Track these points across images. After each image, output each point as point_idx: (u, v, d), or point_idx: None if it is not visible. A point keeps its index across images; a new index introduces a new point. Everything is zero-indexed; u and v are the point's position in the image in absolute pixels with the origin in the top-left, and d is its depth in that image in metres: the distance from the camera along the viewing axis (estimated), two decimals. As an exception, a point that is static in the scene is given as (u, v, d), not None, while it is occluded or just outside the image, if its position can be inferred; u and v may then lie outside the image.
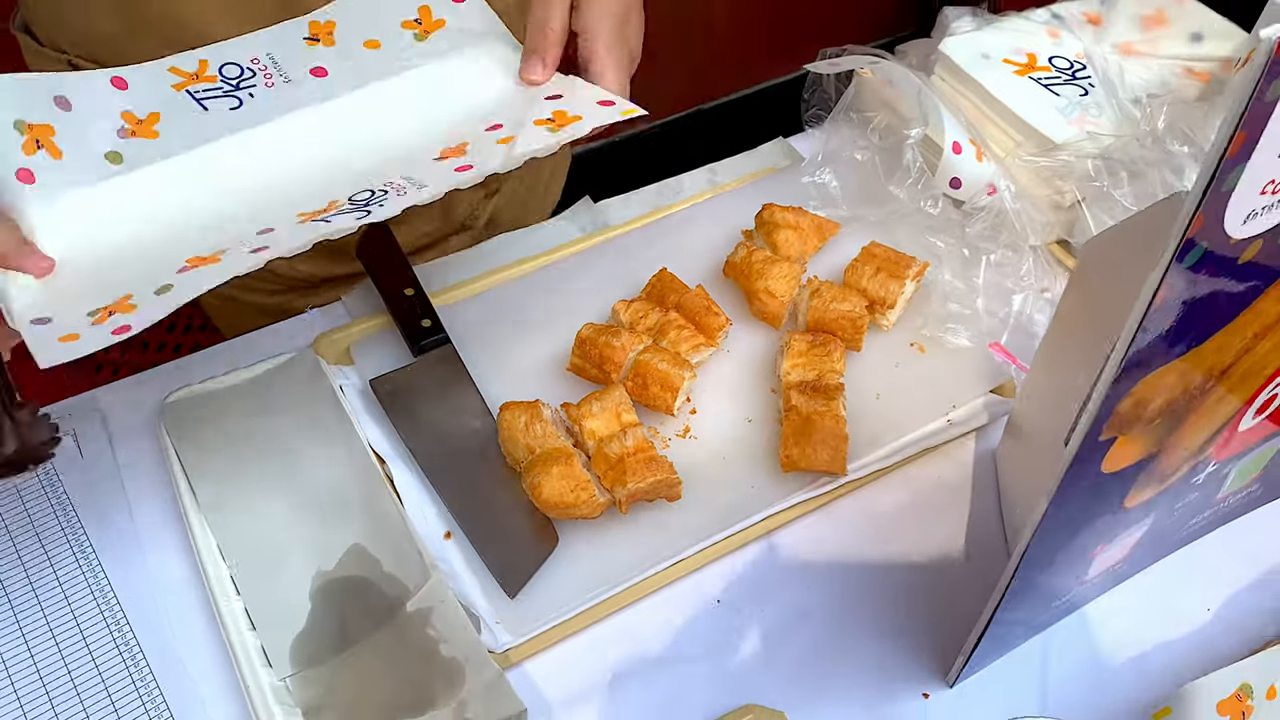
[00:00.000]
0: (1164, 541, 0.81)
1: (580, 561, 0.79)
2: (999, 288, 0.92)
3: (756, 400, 0.89)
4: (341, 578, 0.79)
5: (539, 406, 0.83)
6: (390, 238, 0.96)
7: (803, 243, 0.95)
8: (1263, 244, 0.52)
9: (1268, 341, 0.62)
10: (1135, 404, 0.57)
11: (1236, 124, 0.43)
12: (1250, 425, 0.72)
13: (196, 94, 0.77)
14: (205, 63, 0.79)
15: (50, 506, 0.82)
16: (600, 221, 1.03)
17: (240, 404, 0.87)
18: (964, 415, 0.88)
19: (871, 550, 0.83)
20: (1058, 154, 0.93)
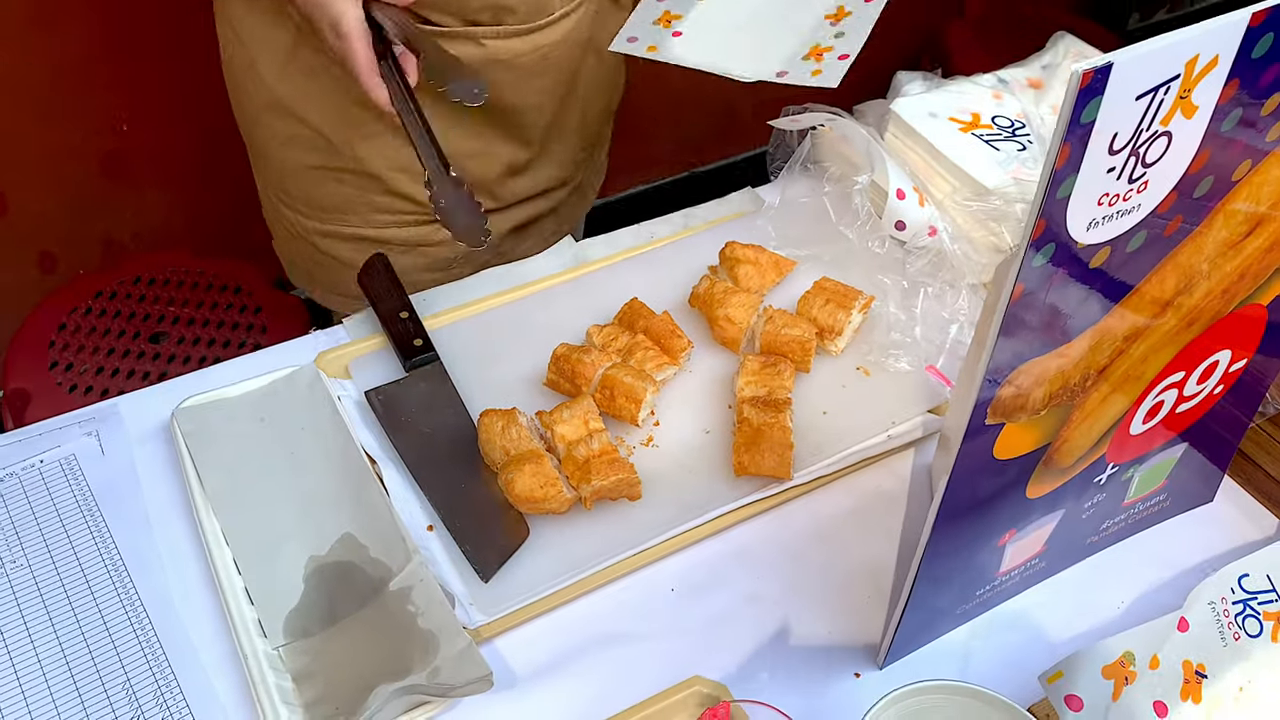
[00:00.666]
0: (1080, 544, 0.89)
1: (548, 551, 0.88)
2: (936, 317, 1.01)
3: (715, 415, 0.98)
4: (332, 562, 0.87)
5: (515, 413, 0.92)
6: (390, 268, 1.06)
7: (761, 276, 1.05)
8: (1111, 251, 0.61)
9: (1141, 346, 0.71)
10: (1016, 392, 0.66)
11: (1061, 139, 0.52)
12: (1141, 430, 0.80)
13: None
14: None
15: (73, 496, 0.91)
16: (581, 258, 1.13)
17: (247, 410, 0.96)
18: (903, 430, 0.97)
19: (815, 548, 0.91)
20: (990, 199, 1.03)
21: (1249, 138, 0.62)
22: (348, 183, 1.15)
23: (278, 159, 1.17)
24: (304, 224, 1.21)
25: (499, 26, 1.05)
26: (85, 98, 1.69)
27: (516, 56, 1.08)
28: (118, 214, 1.84)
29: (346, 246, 1.20)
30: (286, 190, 1.20)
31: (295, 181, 1.18)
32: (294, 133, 1.13)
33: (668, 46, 1.09)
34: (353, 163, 1.13)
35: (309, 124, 1.11)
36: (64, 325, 1.54)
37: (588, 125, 1.25)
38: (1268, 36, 0.56)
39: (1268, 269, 0.73)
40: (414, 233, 1.19)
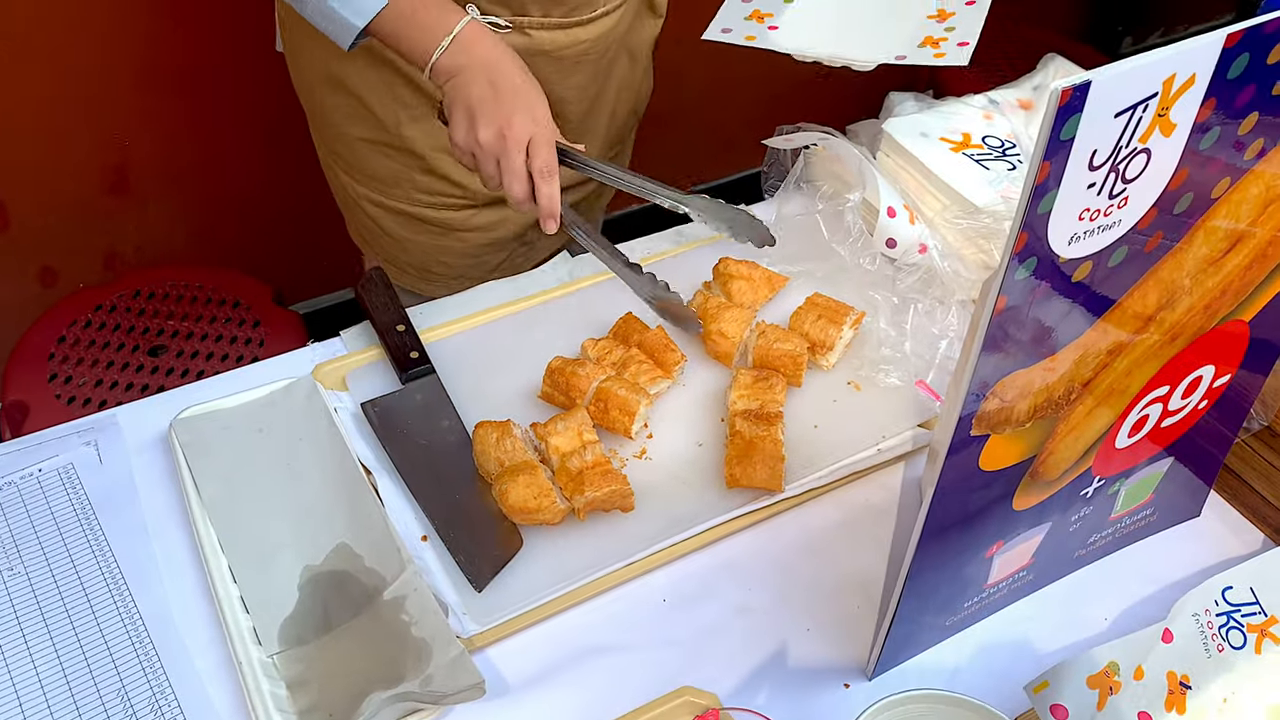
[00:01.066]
0: (1068, 557, 0.90)
1: (541, 562, 0.89)
2: (926, 333, 1.03)
3: (707, 428, 0.99)
4: (327, 571, 0.88)
5: (509, 425, 0.93)
6: (387, 282, 1.08)
7: (754, 292, 1.06)
8: (1093, 265, 0.63)
9: (1124, 360, 0.72)
10: (1001, 404, 0.67)
11: (1041, 156, 0.54)
12: (1127, 444, 0.82)
13: None
14: None
15: (71, 505, 0.92)
16: (576, 273, 1.15)
17: (245, 420, 0.97)
18: (893, 444, 0.98)
19: (805, 560, 0.92)
20: (980, 217, 1.05)
21: (1227, 156, 0.63)
22: (394, 158, 1.20)
23: (333, 128, 1.22)
24: (356, 189, 1.26)
25: (544, 18, 1.10)
26: (89, 113, 1.71)
27: (559, 48, 1.13)
28: (119, 228, 1.85)
29: (391, 218, 1.25)
30: (341, 156, 1.25)
31: (349, 150, 1.22)
32: (346, 105, 1.17)
33: (766, 36, 1.14)
34: (399, 140, 1.17)
35: (361, 99, 1.16)
36: (63, 338, 1.54)
37: (615, 125, 1.30)
38: (1243, 57, 0.58)
39: (1249, 285, 0.74)
40: (452, 216, 1.23)
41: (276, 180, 1.93)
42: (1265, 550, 0.94)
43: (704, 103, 2.13)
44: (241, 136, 1.86)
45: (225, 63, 1.75)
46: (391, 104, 1.14)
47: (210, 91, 1.78)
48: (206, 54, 1.73)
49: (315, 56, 1.16)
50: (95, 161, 1.77)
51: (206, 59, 1.74)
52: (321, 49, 1.14)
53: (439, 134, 1.17)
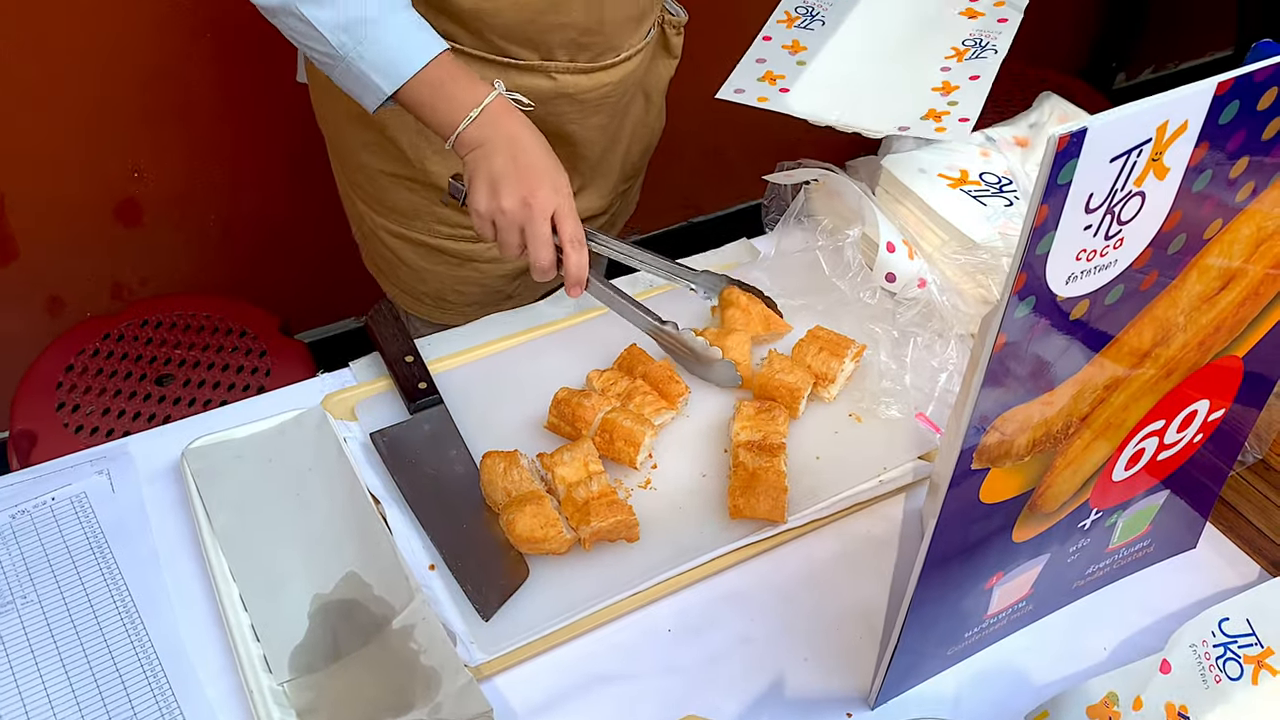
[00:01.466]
0: (1066, 588, 0.91)
1: (547, 591, 0.90)
2: (926, 366, 1.04)
3: (711, 458, 1.01)
4: (336, 599, 0.89)
5: (517, 455, 0.95)
6: (396, 314, 1.09)
7: (746, 323, 1.08)
8: (1090, 303, 0.64)
9: (1121, 395, 0.74)
10: (1000, 440, 0.69)
11: (1040, 200, 0.56)
12: (1124, 477, 0.83)
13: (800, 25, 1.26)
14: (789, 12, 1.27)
15: (84, 533, 0.93)
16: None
17: (256, 450, 0.99)
18: (894, 476, 1.00)
19: (807, 591, 0.93)
20: (978, 253, 1.07)
21: (1220, 197, 0.65)
22: (416, 191, 1.22)
23: (355, 160, 1.24)
24: (375, 220, 1.27)
25: (570, 63, 1.12)
26: (102, 145, 1.73)
27: (582, 92, 1.15)
28: (128, 258, 1.87)
29: (410, 249, 1.27)
30: (361, 187, 1.26)
31: (370, 182, 1.24)
32: (372, 140, 1.19)
33: (778, 99, 1.16)
34: (422, 174, 1.20)
35: (386, 134, 1.18)
36: (71, 367, 1.56)
37: (628, 162, 1.33)
38: (1233, 104, 0.60)
39: (1242, 322, 0.76)
40: (471, 247, 1.25)
41: (284, 209, 1.96)
42: (1260, 580, 0.95)
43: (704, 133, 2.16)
44: (249, 167, 1.88)
45: (235, 94, 1.78)
46: (416, 138, 1.17)
47: (218, 122, 1.81)
48: (217, 85, 1.76)
49: (340, 93, 1.18)
50: (105, 191, 1.79)
51: (217, 90, 1.76)
52: None
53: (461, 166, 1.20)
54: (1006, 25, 1.22)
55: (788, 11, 1.28)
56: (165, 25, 1.65)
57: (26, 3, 1.55)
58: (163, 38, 1.67)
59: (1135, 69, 2.91)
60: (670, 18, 1.27)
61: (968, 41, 1.21)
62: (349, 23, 0.97)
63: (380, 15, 0.98)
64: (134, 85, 1.70)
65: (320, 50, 0.99)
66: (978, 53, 1.19)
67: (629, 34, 1.16)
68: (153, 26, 1.64)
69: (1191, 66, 3.00)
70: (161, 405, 1.53)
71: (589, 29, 1.11)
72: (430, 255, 1.26)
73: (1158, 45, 2.85)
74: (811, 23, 1.26)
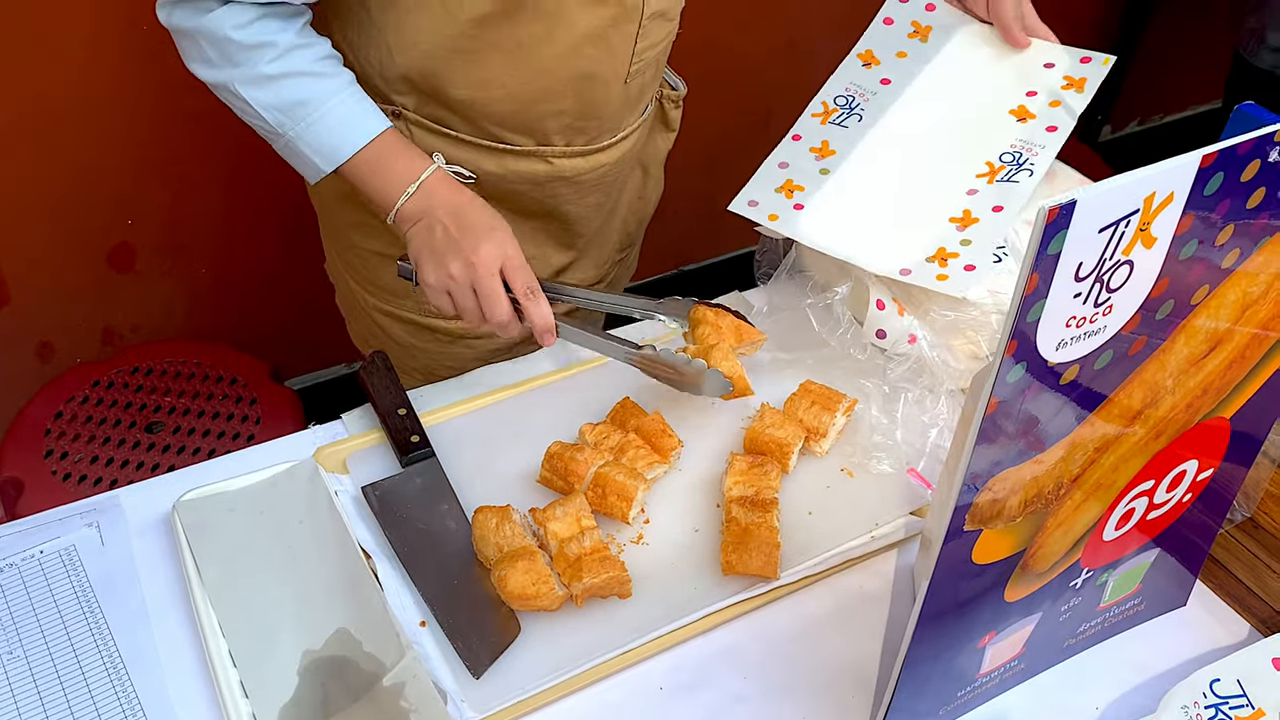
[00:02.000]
0: (1057, 646, 0.91)
1: (539, 648, 0.90)
2: (917, 422, 1.05)
3: (703, 513, 1.01)
4: (327, 656, 0.89)
5: (509, 510, 0.95)
6: (389, 365, 1.10)
7: (719, 336, 1.07)
8: (1080, 368, 0.65)
9: (1111, 456, 0.75)
10: (993, 500, 0.70)
11: (1030, 269, 0.57)
12: (1115, 536, 0.84)
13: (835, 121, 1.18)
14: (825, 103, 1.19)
15: (72, 588, 0.93)
16: (574, 358, 1.17)
17: (246, 503, 0.99)
18: (885, 532, 1.00)
19: (800, 648, 0.93)
20: (967, 310, 1.08)
21: (1206, 264, 0.66)
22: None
23: (346, 238, 1.24)
24: (365, 298, 1.27)
25: (567, 147, 1.13)
26: (96, 192, 1.74)
27: (579, 174, 1.16)
28: (119, 304, 1.88)
29: (399, 327, 1.27)
30: (351, 265, 1.26)
31: (360, 260, 1.24)
32: (361, 220, 1.20)
33: (789, 219, 1.12)
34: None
35: (374, 213, 1.17)
36: (60, 414, 1.56)
37: (624, 232, 1.34)
38: (1218, 175, 0.61)
39: (1229, 384, 0.77)
40: (459, 325, 1.25)
41: (275, 255, 1.96)
42: (1251, 640, 0.95)
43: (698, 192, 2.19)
44: (241, 213, 1.89)
45: (228, 141, 1.79)
46: None
47: (212, 168, 1.82)
48: (211, 132, 1.77)
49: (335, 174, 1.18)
50: (99, 239, 1.79)
51: (211, 137, 1.78)
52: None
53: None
54: (1053, 136, 1.13)
55: (825, 103, 1.20)
56: (160, 75, 1.67)
57: (23, 48, 1.56)
58: (158, 87, 1.68)
59: (1120, 121, 2.95)
60: (669, 92, 1.27)
61: (1005, 157, 1.12)
62: (286, 105, 0.99)
63: (319, 98, 0.99)
64: (128, 133, 1.71)
65: (260, 126, 1.01)
66: (1011, 173, 1.11)
67: (625, 115, 1.16)
68: (148, 76, 1.65)
69: (1177, 119, 3.04)
70: (151, 453, 1.53)
71: (583, 114, 1.11)
72: (420, 333, 1.26)
73: (1143, 98, 2.90)
74: (848, 118, 1.18)
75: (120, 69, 1.64)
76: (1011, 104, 1.16)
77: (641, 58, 1.12)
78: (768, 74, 2.14)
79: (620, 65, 1.10)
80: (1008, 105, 1.16)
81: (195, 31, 0.96)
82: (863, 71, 1.21)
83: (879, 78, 1.19)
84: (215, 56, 0.97)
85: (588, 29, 1.04)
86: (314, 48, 1.00)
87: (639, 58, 1.11)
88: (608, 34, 1.06)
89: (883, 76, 1.19)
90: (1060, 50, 1.19)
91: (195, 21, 0.96)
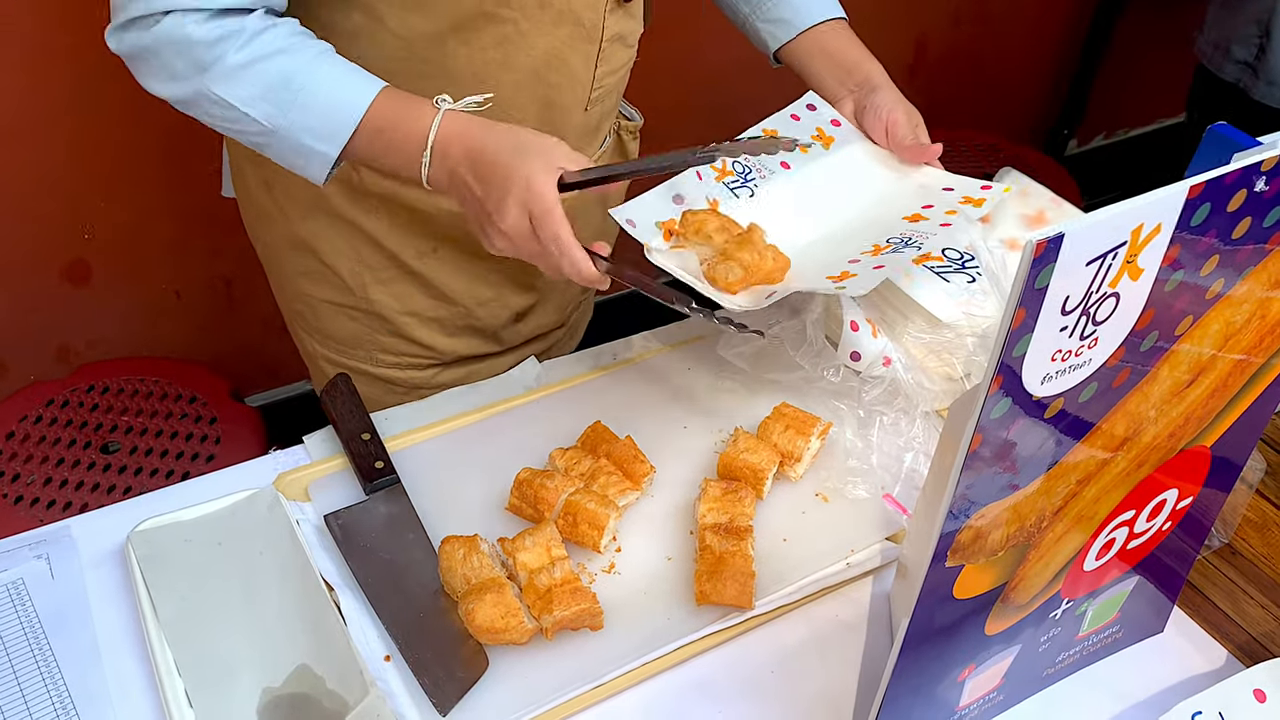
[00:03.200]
0: (1036, 676, 0.90)
1: (508, 684, 0.87)
2: (892, 446, 1.03)
3: (676, 541, 0.99)
4: (287, 694, 0.85)
5: (476, 540, 0.92)
6: (352, 388, 1.07)
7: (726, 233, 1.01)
8: (1064, 402, 0.64)
9: (1093, 487, 0.73)
10: (975, 536, 0.68)
11: (1016, 304, 0.55)
12: (1095, 566, 0.82)
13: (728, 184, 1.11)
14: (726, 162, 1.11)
15: (20, 623, 0.89)
16: (543, 379, 1.15)
17: (204, 534, 0.95)
18: (861, 559, 0.98)
19: (776, 679, 0.91)
20: (943, 331, 1.07)
21: (1191, 295, 0.65)
22: (359, 320, 1.18)
23: (294, 287, 1.19)
24: (316, 348, 1.23)
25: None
26: (52, 205, 1.69)
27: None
28: (75, 320, 1.83)
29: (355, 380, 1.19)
30: (300, 315, 1.22)
31: (310, 310, 1.20)
32: (311, 268, 1.15)
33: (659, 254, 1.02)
34: (365, 303, 1.16)
35: (326, 263, 1.13)
36: (13, 434, 1.51)
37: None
38: (1205, 206, 0.60)
39: (1211, 413, 0.76)
40: (416, 375, 1.21)
41: (236, 271, 1.92)
42: (1229, 666, 0.94)
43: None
44: (201, 228, 1.85)
45: (188, 155, 1.75)
46: (358, 266, 1.13)
47: (170, 181, 1.77)
48: (170, 147, 1.73)
49: (282, 220, 1.13)
50: (55, 253, 1.75)
51: (170, 151, 1.73)
52: (291, 212, 1.11)
53: (406, 297, 1.15)
54: (946, 230, 1.07)
55: (725, 161, 1.12)
56: (118, 88, 1.62)
57: (-24, 61, 1.52)
58: (115, 100, 1.64)
59: (1086, 135, 2.97)
60: (626, 123, 1.25)
61: (892, 239, 1.05)
62: (268, 91, 0.89)
63: (301, 72, 0.90)
64: (86, 146, 1.67)
65: (250, 130, 0.92)
66: (897, 249, 1.03)
67: (584, 146, 1.13)
68: (106, 88, 1.61)
69: (1143, 133, 3.06)
70: (107, 474, 1.49)
71: None
72: (373, 384, 1.21)
73: (1108, 112, 2.92)
74: (741, 187, 1.11)
75: (77, 81, 1.59)
76: (906, 211, 1.11)
77: (601, 84, 1.09)
78: (723, 99, 2.12)
79: (581, 91, 1.07)
80: (902, 212, 1.11)
81: (154, 46, 0.89)
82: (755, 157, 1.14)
83: (779, 160, 1.13)
84: (181, 66, 0.89)
85: (546, 52, 1.01)
86: (281, 25, 0.91)
87: (599, 84, 1.09)
88: (568, 58, 1.03)
89: (782, 160, 1.14)
90: (960, 178, 1.15)
91: (150, 34, 0.88)
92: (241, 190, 1.20)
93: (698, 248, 1.02)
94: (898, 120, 1.13)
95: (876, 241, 1.05)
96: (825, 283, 0.99)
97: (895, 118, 1.13)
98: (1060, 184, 2.09)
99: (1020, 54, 2.64)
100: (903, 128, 1.13)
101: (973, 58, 2.54)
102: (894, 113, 1.13)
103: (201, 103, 0.92)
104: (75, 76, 1.59)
